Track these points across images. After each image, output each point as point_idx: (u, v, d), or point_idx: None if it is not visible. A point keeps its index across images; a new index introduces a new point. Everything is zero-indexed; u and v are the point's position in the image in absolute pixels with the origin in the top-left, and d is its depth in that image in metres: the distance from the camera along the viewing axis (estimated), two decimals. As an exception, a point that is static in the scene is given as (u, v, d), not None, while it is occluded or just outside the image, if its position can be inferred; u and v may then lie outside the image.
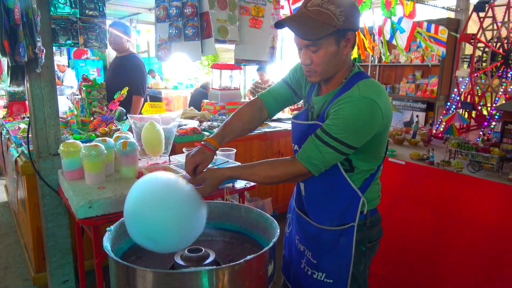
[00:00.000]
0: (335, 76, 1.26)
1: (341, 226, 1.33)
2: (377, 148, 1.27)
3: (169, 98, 7.56)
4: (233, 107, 3.83)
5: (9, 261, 2.93)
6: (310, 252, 1.39)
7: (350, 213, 1.32)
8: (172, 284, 0.96)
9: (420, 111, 5.32)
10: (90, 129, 2.57)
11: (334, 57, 1.19)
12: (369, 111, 1.15)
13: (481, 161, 2.01)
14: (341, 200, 1.31)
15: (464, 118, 2.61)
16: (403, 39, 3.15)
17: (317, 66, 1.20)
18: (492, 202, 1.86)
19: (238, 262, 1.00)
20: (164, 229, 1.08)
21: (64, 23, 1.95)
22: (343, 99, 1.17)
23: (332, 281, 1.36)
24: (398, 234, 2.25)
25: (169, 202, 1.10)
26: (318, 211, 1.37)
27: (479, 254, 1.91)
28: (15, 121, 3.31)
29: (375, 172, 1.32)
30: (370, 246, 1.38)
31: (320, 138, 1.18)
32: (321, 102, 1.30)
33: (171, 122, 2.16)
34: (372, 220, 1.36)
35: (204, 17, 2.43)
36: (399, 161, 2.23)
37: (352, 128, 1.15)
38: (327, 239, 1.35)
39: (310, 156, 1.19)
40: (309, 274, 1.39)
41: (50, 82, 1.97)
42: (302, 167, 1.21)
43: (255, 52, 2.73)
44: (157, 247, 1.12)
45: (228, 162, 1.94)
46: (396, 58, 5.76)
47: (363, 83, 1.19)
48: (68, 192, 1.73)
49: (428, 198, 2.12)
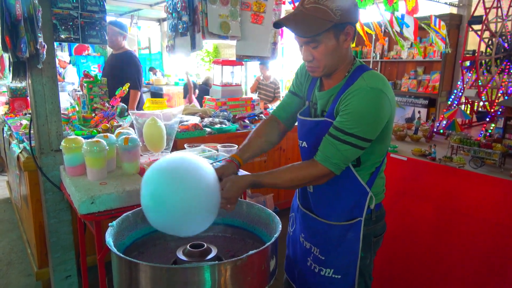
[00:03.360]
0: (337, 70, 1.26)
1: (349, 221, 1.34)
2: (383, 139, 1.27)
3: (170, 94, 7.56)
4: (235, 103, 3.83)
5: (12, 257, 2.95)
6: (317, 248, 1.39)
7: (358, 208, 1.33)
8: (174, 279, 0.97)
9: (421, 107, 5.31)
10: (91, 125, 2.58)
11: (335, 52, 1.20)
12: (378, 101, 1.16)
13: (483, 157, 2.00)
14: (350, 196, 1.32)
15: (466, 114, 2.61)
16: (410, 33, 3.15)
17: (319, 61, 1.21)
18: (494, 197, 1.85)
19: (240, 257, 1.00)
20: (190, 210, 1.09)
21: (65, 19, 1.94)
22: (351, 92, 1.18)
23: (340, 277, 1.36)
24: (400, 230, 2.25)
25: (194, 183, 1.10)
26: (326, 207, 1.37)
27: (481, 250, 1.91)
28: (17, 117, 3.31)
29: (380, 165, 1.33)
30: (375, 241, 1.40)
31: (335, 137, 1.19)
32: (325, 97, 1.30)
33: (172, 118, 2.15)
34: (377, 215, 1.38)
35: (196, 11, 2.42)
36: (401, 157, 2.23)
37: (365, 120, 1.16)
38: (335, 235, 1.35)
39: (330, 156, 1.20)
40: (316, 271, 1.39)
41: (52, 78, 1.97)
42: (323, 168, 1.21)
43: (256, 48, 2.72)
44: (180, 228, 1.14)
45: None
46: (398, 54, 5.74)
47: (368, 75, 1.20)
48: (70, 188, 1.74)
49: (430, 194, 2.11)
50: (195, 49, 2.49)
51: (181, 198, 1.08)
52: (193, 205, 1.09)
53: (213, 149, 2.09)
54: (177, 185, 1.09)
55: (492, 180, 1.86)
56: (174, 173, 1.11)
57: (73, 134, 2.33)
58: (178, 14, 2.44)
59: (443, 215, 2.05)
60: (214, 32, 2.47)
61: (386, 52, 5.96)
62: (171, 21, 2.63)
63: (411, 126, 3.07)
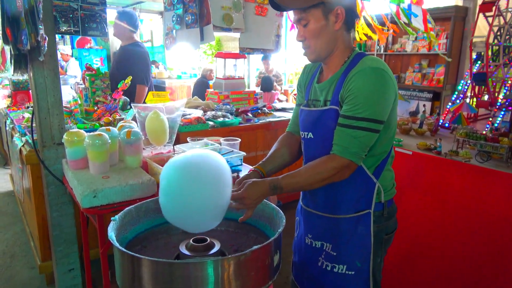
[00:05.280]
0: (332, 55, 1.27)
1: (356, 213, 1.31)
2: (389, 124, 1.26)
3: (173, 88, 7.53)
4: (238, 96, 3.80)
5: (15, 250, 2.96)
6: (329, 244, 1.37)
7: (365, 200, 1.31)
8: (177, 274, 0.95)
9: (426, 101, 5.25)
10: (94, 119, 2.56)
11: (325, 32, 1.22)
12: (382, 79, 1.17)
13: (490, 151, 1.98)
14: (356, 187, 1.30)
15: (472, 107, 2.57)
16: (420, 22, 3.09)
17: (309, 41, 1.24)
18: (501, 192, 1.83)
19: (244, 252, 0.98)
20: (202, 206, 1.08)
21: (65, 11, 1.92)
22: (354, 75, 1.18)
23: (353, 273, 1.34)
24: (405, 225, 2.23)
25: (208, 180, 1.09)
26: (333, 201, 1.35)
27: (487, 245, 1.89)
28: (19, 110, 3.31)
29: (387, 157, 1.31)
30: (387, 238, 1.38)
31: (348, 125, 1.17)
32: (326, 87, 1.30)
33: (175, 112, 2.14)
34: (389, 211, 1.36)
35: (204, 3, 2.38)
36: (406, 151, 2.20)
37: (373, 101, 1.16)
38: (344, 228, 1.33)
39: (347, 147, 1.17)
40: (329, 269, 1.36)
41: (53, 71, 1.95)
42: (343, 160, 1.18)
43: (260, 40, 2.69)
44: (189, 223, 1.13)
45: (233, 151, 1.93)
46: (402, 47, 5.67)
47: (367, 58, 1.23)
48: (72, 181, 1.73)
49: (436, 188, 2.09)
50: (203, 41, 2.46)
51: (193, 192, 1.07)
52: (204, 202, 1.08)
53: (216, 142, 2.07)
54: (193, 181, 1.08)
55: (499, 175, 1.83)
56: (189, 168, 1.11)
57: (75, 128, 2.32)
58: (184, 6, 2.40)
59: (449, 209, 2.03)
60: (216, 25, 2.44)
61: (390, 45, 5.90)
62: (174, 13, 2.60)
63: (415, 120, 3.04)
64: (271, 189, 1.19)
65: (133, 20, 3.33)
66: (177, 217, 1.13)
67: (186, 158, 1.14)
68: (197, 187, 1.07)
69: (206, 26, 2.41)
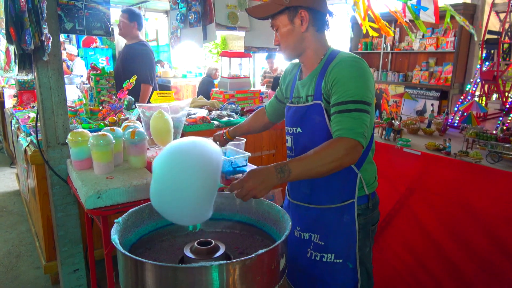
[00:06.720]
0: (305, 55, 1.37)
1: (341, 203, 1.38)
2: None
3: (178, 87, 7.51)
4: (243, 95, 3.77)
5: (21, 249, 2.96)
6: (317, 235, 1.42)
7: (348, 190, 1.37)
8: (181, 279, 0.93)
9: (433, 100, 5.19)
10: (99, 118, 2.55)
11: (292, 35, 1.32)
12: (361, 65, 1.25)
13: (501, 152, 1.93)
14: (340, 178, 1.34)
15: (482, 107, 2.52)
16: (430, 15, 3.03)
17: (281, 44, 1.36)
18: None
19: (249, 256, 0.96)
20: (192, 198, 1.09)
21: (70, 9, 1.90)
22: (334, 66, 1.26)
23: (341, 261, 1.40)
24: (414, 226, 2.20)
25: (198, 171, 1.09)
26: (318, 192, 1.41)
27: (497, 247, 1.85)
28: (24, 110, 3.31)
29: (367, 150, 1.36)
30: (373, 229, 1.46)
31: (344, 110, 1.19)
32: (307, 83, 1.38)
33: (180, 111, 2.12)
34: (373, 203, 1.43)
35: (207, 2, 2.36)
36: (415, 151, 2.16)
37: (360, 84, 1.22)
38: (330, 218, 1.40)
39: (351, 128, 1.16)
40: (318, 259, 1.42)
41: (58, 71, 1.94)
42: (350, 140, 1.14)
43: (265, 39, 2.67)
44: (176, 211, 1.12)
45: (238, 153, 1.91)
46: (409, 45, 5.61)
47: (343, 52, 1.33)
48: (77, 182, 1.71)
49: (445, 190, 2.05)
50: (206, 40, 2.44)
51: (175, 175, 1.07)
52: (187, 184, 1.07)
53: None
54: (175, 164, 1.09)
55: (510, 176, 1.79)
56: (173, 154, 1.12)
57: (80, 127, 2.31)
58: (187, 5, 2.39)
59: (459, 210, 1.99)
60: (221, 23, 2.41)
61: (397, 43, 5.84)
62: (178, 11, 2.58)
63: (423, 119, 2.99)
64: (277, 172, 1.11)
65: (138, 18, 3.32)
66: (163, 203, 1.12)
67: (171, 145, 1.15)
68: (179, 169, 1.08)
69: (209, 25, 2.39)
